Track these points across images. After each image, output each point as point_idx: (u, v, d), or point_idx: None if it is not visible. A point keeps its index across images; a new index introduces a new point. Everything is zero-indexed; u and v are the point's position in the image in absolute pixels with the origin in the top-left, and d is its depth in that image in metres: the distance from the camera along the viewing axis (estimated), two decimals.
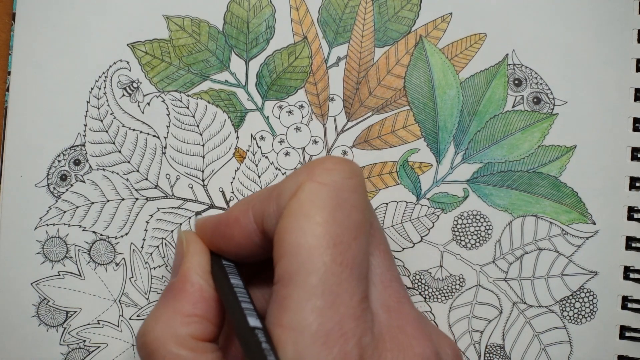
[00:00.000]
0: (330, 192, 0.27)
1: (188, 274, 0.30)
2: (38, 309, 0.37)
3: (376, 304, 0.28)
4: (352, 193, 0.27)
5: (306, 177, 0.27)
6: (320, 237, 0.26)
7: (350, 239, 0.26)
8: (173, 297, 0.29)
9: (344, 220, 0.27)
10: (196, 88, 0.38)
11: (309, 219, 0.26)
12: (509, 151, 0.37)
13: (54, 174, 0.38)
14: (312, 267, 0.25)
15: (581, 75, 0.37)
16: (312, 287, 0.25)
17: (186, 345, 0.28)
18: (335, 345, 0.25)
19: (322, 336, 0.25)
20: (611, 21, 0.37)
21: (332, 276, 0.26)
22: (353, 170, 0.28)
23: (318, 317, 0.25)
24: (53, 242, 0.37)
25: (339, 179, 0.27)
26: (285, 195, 0.27)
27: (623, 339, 0.36)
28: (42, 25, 0.38)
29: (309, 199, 0.27)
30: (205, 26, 0.38)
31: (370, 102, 0.37)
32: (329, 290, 0.25)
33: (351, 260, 0.26)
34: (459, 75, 0.37)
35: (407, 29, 0.37)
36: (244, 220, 0.29)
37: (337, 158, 0.28)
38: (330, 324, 0.25)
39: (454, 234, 0.37)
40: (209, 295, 0.29)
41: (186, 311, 0.29)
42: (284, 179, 0.29)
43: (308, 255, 0.26)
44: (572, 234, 0.37)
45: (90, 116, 0.38)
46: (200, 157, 0.38)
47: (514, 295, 0.37)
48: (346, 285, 0.26)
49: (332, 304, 0.25)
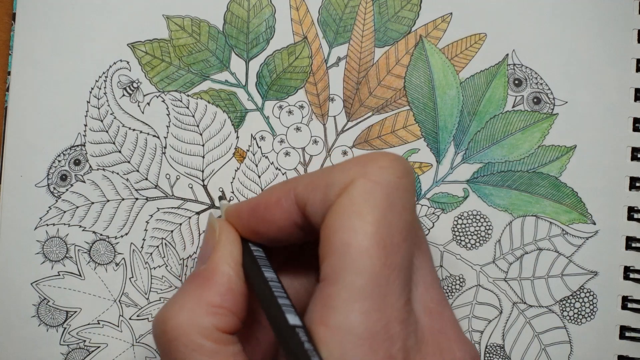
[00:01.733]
0: (384, 191, 0.26)
1: (219, 264, 0.29)
2: (38, 309, 0.37)
3: (418, 306, 0.28)
4: (405, 193, 0.27)
5: (359, 173, 0.27)
6: (370, 237, 0.25)
7: (400, 241, 0.26)
8: (200, 285, 0.29)
9: (395, 221, 0.26)
10: (196, 88, 0.38)
11: (360, 218, 0.26)
12: (509, 151, 0.37)
13: (54, 174, 0.38)
14: (362, 267, 0.25)
15: (581, 75, 0.37)
16: (360, 287, 0.25)
17: (209, 336, 0.27)
18: (381, 348, 0.25)
19: (368, 338, 0.25)
20: (611, 21, 0.37)
21: (380, 278, 0.25)
22: (406, 169, 0.27)
23: (365, 319, 0.25)
24: (53, 242, 0.37)
25: (393, 179, 0.27)
26: (335, 189, 0.27)
27: (623, 339, 0.36)
28: (42, 25, 0.38)
29: (362, 197, 0.26)
30: (205, 26, 0.38)
31: (370, 102, 0.37)
32: (376, 293, 0.25)
33: (399, 263, 0.26)
34: (459, 75, 0.37)
35: (407, 29, 0.37)
36: (285, 203, 0.29)
37: (391, 155, 0.28)
38: (377, 327, 0.25)
39: (454, 234, 0.37)
40: (237, 287, 0.29)
41: (213, 301, 0.28)
42: (332, 167, 0.28)
43: (358, 255, 0.25)
44: (572, 234, 0.37)
45: (91, 116, 0.38)
46: (200, 157, 0.38)
47: (514, 295, 0.37)
48: (393, 288, 0.26)
49: (379, 306, 0.25)
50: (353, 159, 0.28)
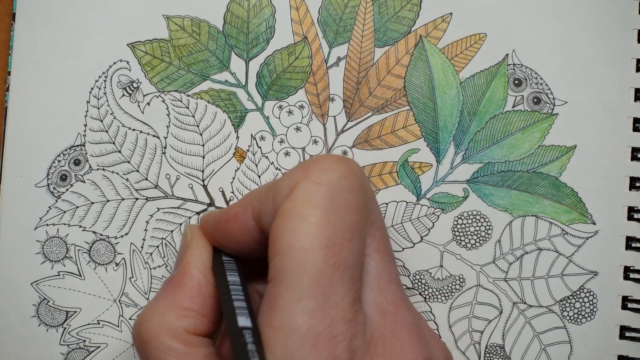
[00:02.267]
0: (326, 192, 0.26)
1: (188, 268, 0.30)
2: (38, 309, 0.37)
3: (371, 306, 0.27)
4: (348, 193, 0.27)
5: (302, 175, 0.27)
6: (313, 237, 0.26)
7: (343, 240, 0.26)
8: (171, 289, 0.30)
9: (338, 221, 0.26)
10: (196, 88, 0.38)
11: (302, 219, 0.26)
12: (509, 151, 0.37)
13: (54, 174, 0.38)
14: (304, 268, 0.25)
15: (581, 75, 0.37)
16: (303, 288, 0.25)
17: (179, 338, 0.28)
18: (325, 348, 0.25)
19: (311, 338, 0.25)
20: (611, 21, 0.37)
21: (323, 278, 0.25)
22: (350, 169, 0.28)
23: (308, 319, 0.25)
24: (53, 242, 0.37)
25: (335, 179, 0.27)
26: (281, 194, 0.27)
27: (623, 339, 0.36)
28: (42, 25, 0.38)
29: (304, 198, 0.26)
30: (205, 26, 0.38)
31: (370, 102, 0.37)
32: (320, 292, 0.25)
33: (344, 262, 0.26)
34: (459, 75, 0.37)
35: (407, 29, 0.37)
36: (242, 218, 0.29)
37: (335, 156, 0.28)
38: (320, 327, 0.25)
39: (454, 234, 0.37)
40: (207, 291, 0.30)
41: (183, 305, 0.29)
42: (281, 176, 0.29)
43: (300, 255, 0.25)
44: (572, 234, 0.37)
45: (90, 116, 0.38)
46: (200, 157, 0.38)
47: (514, 295, 0.37)
48: (338, 287, 0.26)
49: (322, 306, 0.25)
50: (299, 164, 0.28)
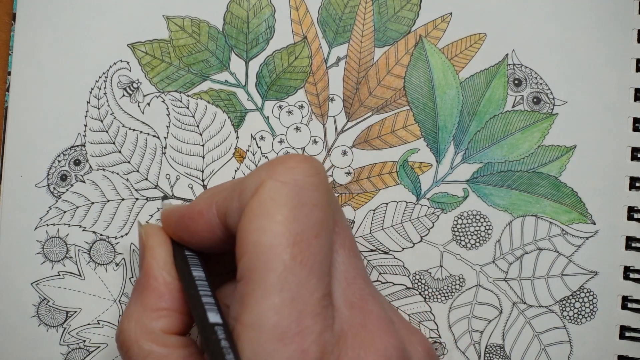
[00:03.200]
0: (291, 190, 0.27)
1: (150, 268, 0.30)
2: (38, 309, 0.37)
3: (339, 301, 0.28)
4: (314, 191, 0.27)
5: (267, 175, 0.27)
6: (280, 235, 0.26)
7: (310, 237, 0.26)
8: (140, 293, 0.30)
9: (305, 219, 0.27)
10: (196, 88, 0.38)
11: (269, 217, 0.26)
12: (509, 151, 0.37)
13: (54, 174, 0.38)
14: (271, 265, 0.26)
15: (581, 75, 0.37)
16: (270, 285, 0.25)
17: (158, 340, 0.28)
18: (292, 342, 0.25)
19: (278, 333, 0.25)
20: (611, 21, 0.37)
21: (291, 274, 0.26)
22: (315, 168, 0.28)
23: (275, 314, 0.25)
24: (53, 242, 0.37)
25: (301, 177, 0.27)
26: (247, 193, 0.28)
27: (623, 339, 0.36)
28: (42, 25, 0.38)
29: (270, 197, 0.27)
30: (205, 26, 0.38)
31: (370, 102, 0.37)
32: (287, 288, 0.25)
33: (311, 258, 0.26)
34: (459, 75, 0.37)
35: (407, 29, 0.37)
36: (207, 215, 0.29)
37: (299, 156, 0.28)
38: (286, 321, 0.25)
39: (454, 234, 0.37)
40: (174, 287, 0.30)
41: (154, 305, 0.29)
42: (247, 175, 0.29)
43: (268, 253, 0.26)
44: (572, 234, 0.37)
45: (91, 116, 0.38)
46: (200, 157, 0.38)
47: (514, 295, 0.37)
48: (306, 283, 0.26)
49: (290, 301, 0.25)
50: (265, 164, 0.29)
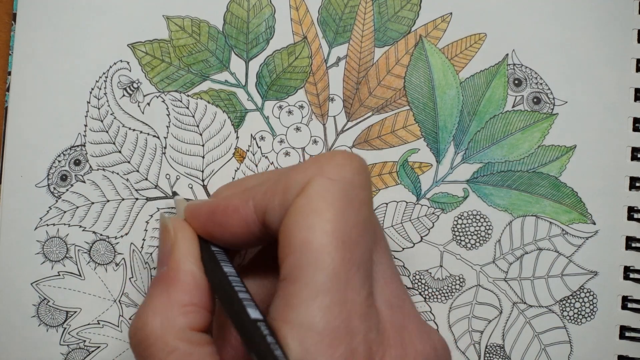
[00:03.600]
0: (340, 188, 0.26)
1: (180, 262, 0.29)
2: (38, 309, 0.37)
3: (379, 300, 0.28)
4: (362, 190, 0.27)
5: (316, 172, 0.27)
6: (329, 234, 0.26)
7: (358, 237, 0.26)
8: (166, 287, 0.29)
9: (353, 218, 0.26)
10: (196, 88, 0.38)
11: (318, 215, 0.26)
12: (509, 151, 0.37)
13: (54, 174, 0.38)
14: (321, 264, 0.25)
15: (581, 75, 0.37)
16: (319, 284, 0.25)
17: (184, 337, 0.27)
18: (342, 342, 0.25)
19: (328, 334, 0.25)
20: (611, 21, 0.37)
21: (340, 274, 0.25)
22: (362, 166, 0.28)
23: (325, 315, 0.25)
24: (53, 242, 0.37)
25: (349, 175, 0.27)
26: (293, 190, 0.27)
27: (623, 339, 0.36)
28: (42, 25, 0.38)
29: (319, 195, 0.26)
30: (205, 26, 0.38)
31: (370, 102, 0.37)
32: (336, 288, 0.25)
33: (359, 258, 0.26)
34: (459, 75, 0.37)
35: (407, 29, 0.37)
36: (244, 211, 0.29)
37: (347, 153, 0.28)
38: (337, 322, 0.25)
39: (454, 234, 0.37)
40: (203, 282, 0.29)
41: (183, 300, 0.28)
42: (290, 170, 0.28)
43: (317, 252, 0.25)
44: (572, 234, 0.37)
45: (91, 116, 0.38)
46: (200, 157, 0.38)
47: (514, 295, 0.37)
48: (353, 283, 0.26)
49: (339, 301, 0.25)
50: (310, 159, 0.28)
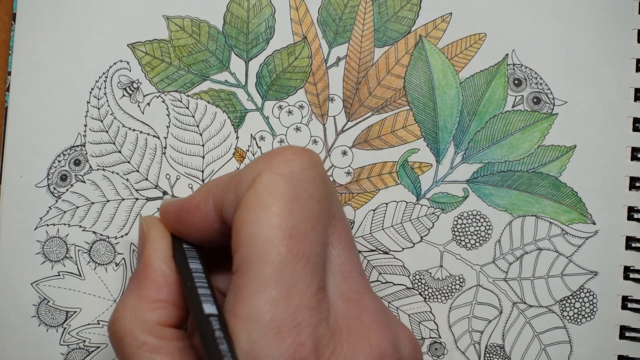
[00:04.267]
0: (288, 182, 0.27)
1: (149, 260, 0.30)
2: (38, 309, 0.37)
3: (334, 294, 0.28)
4: (310, 184, 0.27)
5: (264, 167, 0.27)
6: (276, 227, 0.26)
7: (307, 230, 0.26)
8: (137, 284, 0.30)
9: (301, 211, 0.27)
10: (196, 88, 0.38)
11: (265, 209, 0.26)
12: (509, 151, 0.37)
13: (54, 174, 0.38)
14: (268, 257, 0.26)
15: (581, 75, 0.37)
16: (266, 277, 0.25)
17: (152, 332, 0.28)
18: (289, 335, 0.25)
19: (275, 327, 0.25)
20: (611, 21, 0.37)
21: (287, 267, 0.26)
22: (312, 160, 0.28)
23: (272, 307, 0.25)
24: (53, 242, 0.37)
25: (297, 170, 0.27)
26: (243, 185, 0.27)
27: (623, 339, 0.36)
28: (42, 25, 0.38)
29: (267, 189, 0.27)
30: (205, 26, 0.38)
31: (370, 102, 0.37)
32: (283, 281, 0.25)
33: (307, 251, 0.26)
34: (459, 75, 0.37)
35: (407, 29, 0.37)
36: (204, 208, 0.29)
37: (296, 148, 0.28)
38: (283, 315, 0.25)
39: (454, 234, 0.37)
40: (172, 280, 0.30)
41: (151, 297, 0.29)
42: (244, 167, 0.29)
43: (264, 246, 0.26)
44: (572, 234, 0.37)
45: (91, 116, 0.38)
46: (200, 157, 0.38)
47: (514, 295, 0.37)
48: (301, 276, 0.26)
49: (286, 294, 0.25)
50: (261, 155, 0.28)
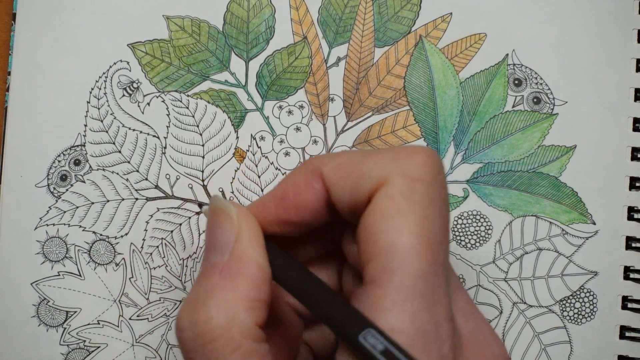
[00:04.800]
0: (424, 189, 0.25)
1: (247, 253, 0.27)
2: (38, 309, 0.37)
3: (454, 306, 0.27)
4: (442, 189, 0.26)
5: (394, 168, 0.26)
6: (417, 236, 0.24)
7: (442, 238, 0.25)
8: (231, 280, 0.26)
9: (437, 219, 0.25)
10: (196, 88, 0.38)
11: (404, 217, 0.25)
12: (509, 151, 0.37)
13: (54, 174, 0.38)
14: (410, 267, 0.24)
15: (581, 75, 0.37)
16: (409, 287, 0.24)
17: (249, 334, 0.25)
18: (434, 348, 0.24)
19: (420, 339, 0.24)
20: (611, 21, 0.37)
21: (428, 277, 0.24)
22: (441, 165, 0.27)
23: (416, 319, 0.24)
24: (53, 242, 0.37)
25: (431, 175, 0.26)
26: (368, 183, 0.26)
27: (623, 339, 0.36)
28: (42, 25, 0.38)
29: (403, 195, 0.25)
30: (205, 26, 0.38)
31: (370, 102, 0.37)
32: (425, 292, 0.24)
33: (443, 260, 0.25)
34: (459, 75, 0.37)
35: (407, 29, 0.37)
36: (317, 184, 0.27)
37: (427, 150, 0.26)
38: (428, 326, 0.24)
39: (454, 234, 0.37)
40: (268, 277, 0.27)
41: (251, 295, 0.26)
42: (362, 157, 0.26)
43: (405, 255, 0.24)
44: (572, 234, 0.37)
45: (91, 116, 0.38)
46: (200, 157, 0.38)
47: (514, 295, 0.37)
48: (440, 286, 0.25)
49: (428, 306, 0.24)
50: (386, 152, 0.26)
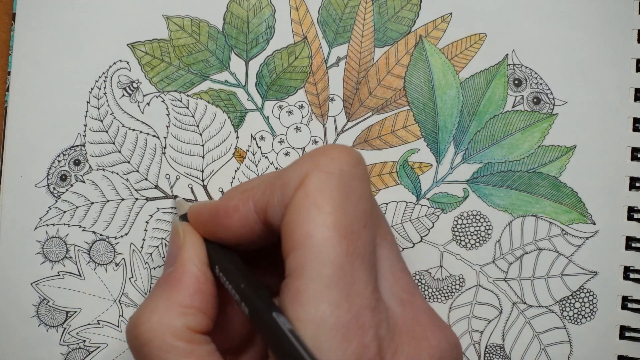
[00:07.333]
0: (338, 181, 0.26)
1: (186, 265, 0.30)
2: (38, 309, 0.37)
3: (388, 295, 0.27)
4: (360, 181, 0.27)
5: (312, 166, 0.27)
6: (331, 227, 0.25)
7: (360, 228, 0.26)
8: (169, 288, 0.29)
9: (353, 209, 0.26)
10: (196, 88, 0.38)
11: (318, 209, 0.26)
12: (509, 151, 0.37)
13: (54, 174, 0.38)
14: (325, 258, 0.25)
15: (581, 75, 0.37)
16: (326, 278, 0.25)
17: (182, 336, 0.28)
18: (354, 338, 0.25)
19: (340, 329, 0.24)
20: (611, 21, 0.37)
21: (345, 266, 0.25)
22: (358, 158, 0.28)
23: (335, 309, 0.25)
24: (53, 242, 0.37)
25: (346, 168, 0.27)
26: (291, 186, 0.27)
27: (623, 339, 0.36)
28: (42, 25, 0.38)
29: (317, 188, 0.26)
30: (205, 26, 0.38)
31: (370, 102, 0.37)
32: (343, 282, 0.25)
33: (362, 250, 0.26)
34: (459, 75, 0.37)
35: (407, 29, 0.37)
36: (244, 210, 0.29)
37: (341, 146, 0.28)
38: (348, 316, 0.25)
39: (454, 234, 0.37)
40: (206, 287, 0.29)
41: (183, 302, 0.28)
42: (286, 168, 0.28)
43: (320, 246, 0.25)
44: (572, 234, 0.37)
45: (90, 116, 0.38)
46: (200, 157, 0.38)
47: (514, 295, 0.37)
48: (359, 276, 0.25)
49: (347, 295, 0.25)
50: (305, 155, 0.28)
